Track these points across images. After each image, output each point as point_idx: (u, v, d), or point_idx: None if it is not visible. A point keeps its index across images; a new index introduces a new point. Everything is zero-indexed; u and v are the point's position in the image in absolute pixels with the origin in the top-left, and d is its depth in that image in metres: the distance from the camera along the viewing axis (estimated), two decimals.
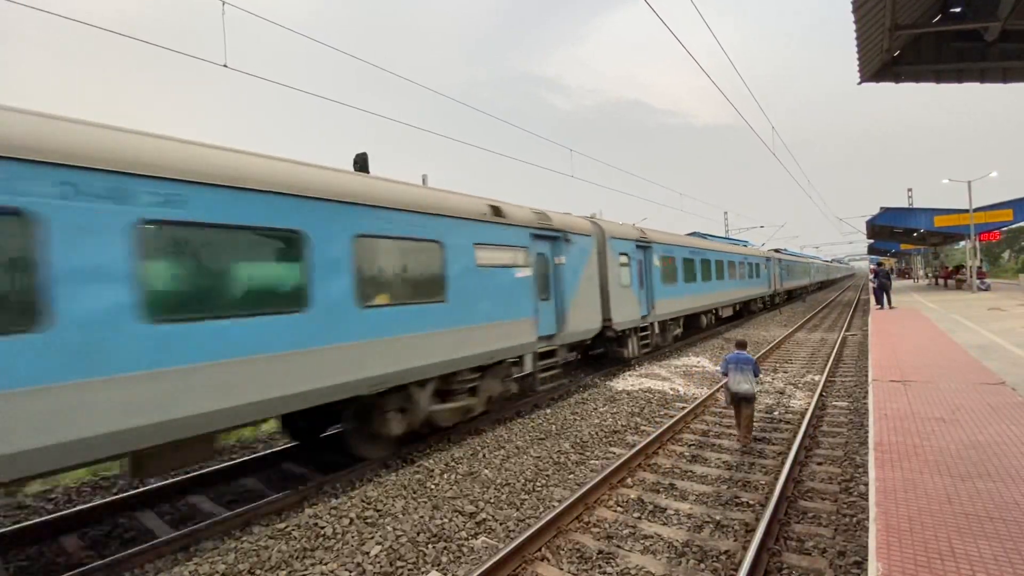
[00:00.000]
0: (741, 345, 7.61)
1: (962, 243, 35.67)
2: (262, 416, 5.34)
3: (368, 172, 7.42)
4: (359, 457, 6.98)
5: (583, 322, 11.00)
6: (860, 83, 11.39)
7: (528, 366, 9.47)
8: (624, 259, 13.08)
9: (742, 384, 7.13)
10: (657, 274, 14.84)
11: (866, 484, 5.33)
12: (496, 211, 8.68)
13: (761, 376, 9.34)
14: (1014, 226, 33.12)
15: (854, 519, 4.94)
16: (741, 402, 7.31)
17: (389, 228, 6.71)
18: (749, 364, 7.17)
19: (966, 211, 25.42)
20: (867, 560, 3.32)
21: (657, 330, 14.77)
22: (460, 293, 7.74)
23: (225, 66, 7.23)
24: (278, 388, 5.29)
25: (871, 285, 23.32)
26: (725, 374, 7.38)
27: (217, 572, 4.45)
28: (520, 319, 9.03)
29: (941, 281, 34.40)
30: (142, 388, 4.33)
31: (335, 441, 7.83)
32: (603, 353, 13.50)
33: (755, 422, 7.91)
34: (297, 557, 4.71)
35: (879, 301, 19.96)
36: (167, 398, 4.48)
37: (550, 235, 10.06)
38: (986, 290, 25.42)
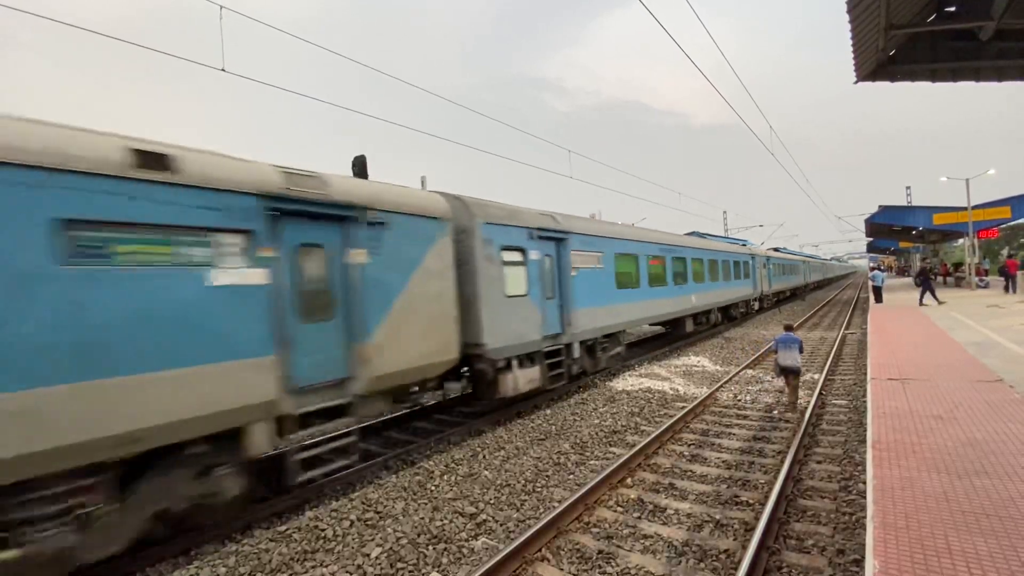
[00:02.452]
0: (789, 328, 9.14)
1: (961, 241, 35.74)
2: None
3: (367, 176, 7.44)
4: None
5: (407, 353, 6.91)
6: (856, 82, 11.43)
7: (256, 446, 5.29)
8: (514, 255, 9.25)
9: (789, 359, 8.63)
10: (579, 277, 11.11)
11: (865, 482, 5.35)
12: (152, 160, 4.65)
13: (804, 353, 9.95)
14: (1012, 223, 33.18)
15: (853, 517, 4.96)
16: (789, 374, 8.78)
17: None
18: (796, 343, 8.70)
19: (964, 209, 25.48)
20: (865, 558, 3.34)
21: (577, 352, 10.74)
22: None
23: (223, 70, 7.26)
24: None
25: (871, 284, 23.33)
26: (775, 351, 8.96)
27: (218, 575, 4.47)
28: (233, 361, 5.02)
29: (940, 278, 34.46)
30: None
31: None
32: (468, 394, 9.60)
33: (754, 422, 8.26)
34: (298, 560, 4.72)
35: (921, 297, 19.64)
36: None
37: (316, 211, 5.99)
38: (985, 287, 25.46)
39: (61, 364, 3.96)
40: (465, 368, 8.59)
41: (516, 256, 9.24)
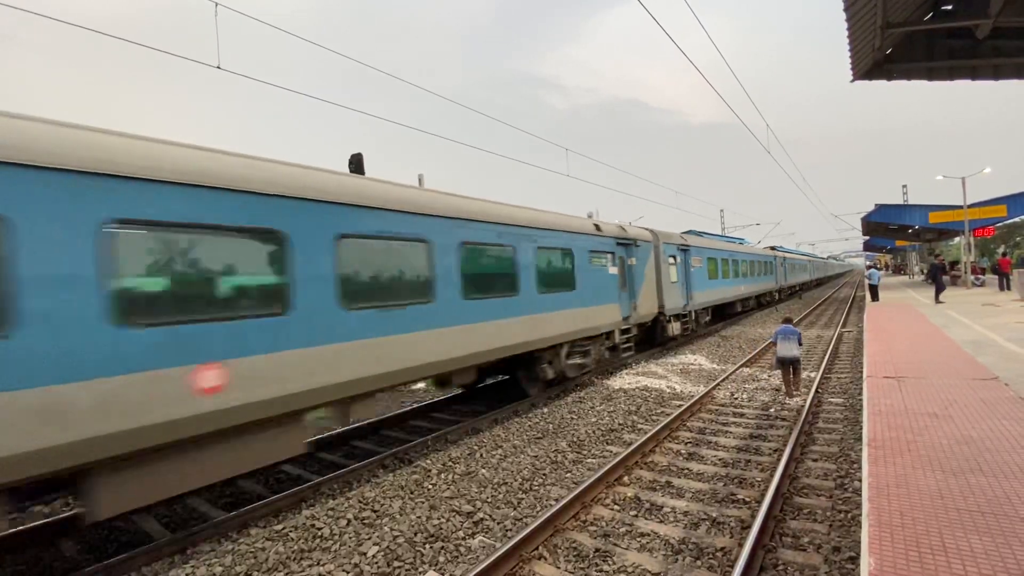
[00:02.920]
0: (788, 320, 9.78)
1: (957, 239, 35.87)
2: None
3: (363, 173, 7.42)
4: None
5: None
6: (853, 81, 11.45)
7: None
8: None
9: (789, 350, 9.21)
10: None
11: (860, 480, 5.37)
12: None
13: (804, 345, 10.81)
14: (1008, 222, 33.32)
15: (849, 515, 4.98)
16: (788, 364, 9.34)
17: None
18: (795, 335, 9.30)
19: (960, 207, 25.57)
20: (861, 555, 3.35)
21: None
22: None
23: (219, 67, 7.22)
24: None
25: (867, 282, 23.41)
26: (775, 343, 9.51)
27: (214, 574, 4.46)
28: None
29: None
30: None
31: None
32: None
33: (751, 420, 8.30)
34: (294, 558, 4.71)
35: (937, 295, 19.38)
36: None
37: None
38: (980, 286, 25.56)
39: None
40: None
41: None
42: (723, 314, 23.30)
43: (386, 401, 10.48)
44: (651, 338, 15.85)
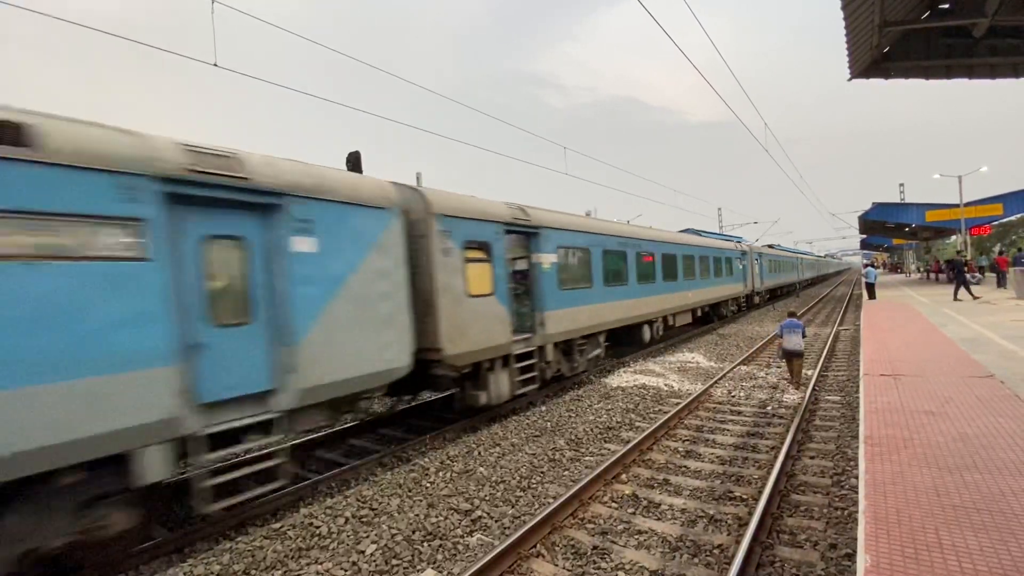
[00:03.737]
0: (792, 314, 10.24)
1: (953, 237, 35.98)
2: None
3: (361, 171, 7.39)
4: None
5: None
6: (850, 79, 11.46)
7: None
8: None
9: (793, 343, 9.69)
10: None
11: (857, 477, 5.39)
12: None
13: (808, 336, 11.31)
14: (1004, 220, 33.44)
15: (846, 512, 5.00)
16: (793, 356, 9.83)
17: None
18: (799, 327, 9.75)
19: (957, 206, 25.65)
20: (857, 552, 3.37)
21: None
22: None
23: (215, 65, 7.19)
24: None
25: (864, 281, 23.47)
26: (780, 336, 9.96)
27: (212, 573, 4.45)
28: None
29: (932, 275, 34.69)
30: None
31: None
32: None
33: (748, 417, 8.38)
34: (292, 557, 4.71)
35: (955, 291, 18.23)
36: None
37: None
38: (977, 284, 25.64)
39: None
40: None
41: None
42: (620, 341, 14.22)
43: (386, 401, 10.47)
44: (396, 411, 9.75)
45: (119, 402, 4.21)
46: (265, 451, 5.91)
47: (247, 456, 6.14)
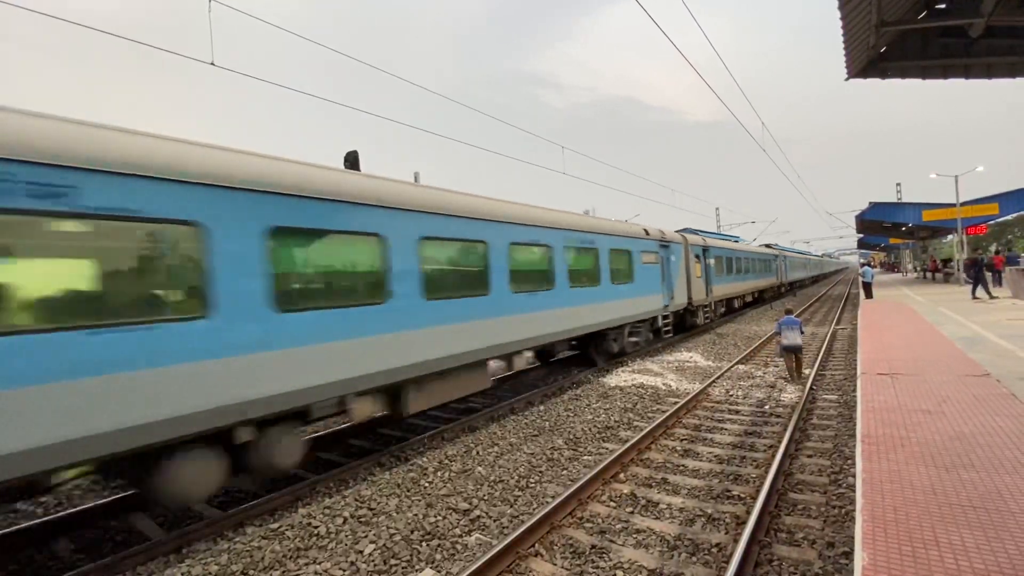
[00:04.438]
0: (789, 312, 10.70)
1: (950, 237, 36.12)
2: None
3: (359, 170, 7.39)
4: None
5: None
6: (848, 79, 11.49)
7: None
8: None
9: (792, 339, 10.12)
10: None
11: (854, 476, 5.40)
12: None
13: (806, 332, 12.29)
14: (1000, 220, 33.56)
15: (843, 510, 5.02)
16: (792, 352, 10.26)
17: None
18: (797, 324, 10.19)
19: (953, 205, 25.73)
20: (854, 550, 3.38)
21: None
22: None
23: (212, 64, 7.17)
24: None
25: (861, 280, 23.56)
26: (779, 332, 10.36)
27: (210, 573, 4.45)
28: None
29: (929, 274, 34.80)
30: None
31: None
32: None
33: (746, 416, 8.44)
34: (291, 557, 4.70)
35: (973, 290, 18.08)
36: None
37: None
38: (998, 285, 25.68)
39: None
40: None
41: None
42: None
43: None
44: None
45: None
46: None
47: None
